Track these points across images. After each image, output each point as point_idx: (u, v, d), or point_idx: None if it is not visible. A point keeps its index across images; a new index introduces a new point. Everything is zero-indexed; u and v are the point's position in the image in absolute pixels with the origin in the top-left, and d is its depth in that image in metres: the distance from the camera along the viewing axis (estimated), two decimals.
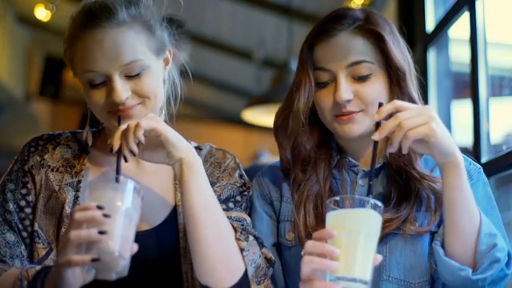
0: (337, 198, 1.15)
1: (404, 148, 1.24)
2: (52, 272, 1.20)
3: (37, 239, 1.37)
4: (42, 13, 5.21)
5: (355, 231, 1.11)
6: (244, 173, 1.53)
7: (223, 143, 1.77)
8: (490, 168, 2.15)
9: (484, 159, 2.29)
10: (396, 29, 1.46)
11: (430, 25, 3.07)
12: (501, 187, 2.28)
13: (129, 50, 1.33)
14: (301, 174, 1.46)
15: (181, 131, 1.36)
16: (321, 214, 1.36)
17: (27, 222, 1.39)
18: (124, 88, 1.34)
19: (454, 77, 3.05)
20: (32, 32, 7.38)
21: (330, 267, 1.11)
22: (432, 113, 1.25)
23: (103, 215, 1.13)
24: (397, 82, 1.41)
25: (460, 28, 2.66)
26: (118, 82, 1.33)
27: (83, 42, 1.34)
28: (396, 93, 1.41)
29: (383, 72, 1.41)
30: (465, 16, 2.48)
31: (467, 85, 2.46)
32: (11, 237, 1.37)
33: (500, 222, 1.40)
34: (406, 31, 1.56)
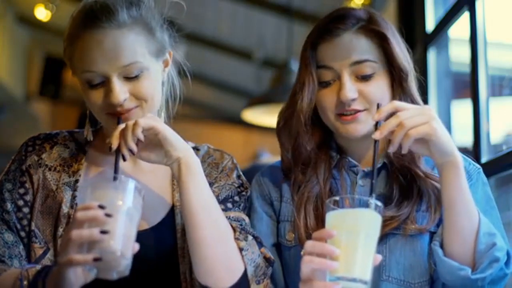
0: (337, 198, 1.15)
1: (404, 148, 1.24)
2: (53, 272, 1.20)
3: (34, 239, 1.37)
4: (42, 13, 5.20)
5: (355, 231, 1.11)
6: (242, 174, 1.53)
7: (223, 143, 1.77)
8: (490, 168, 2.15)
9: (484, 159, 2.29)
10: (397, 29, 1.46)
11: (430, 25, 3.07)
12: (501, 187, 2.28)
13: (129, 52, 1.33)
14: (301, 175, 1.45)
15: (181, 131, 1.36)
16: (322, 216, 1.36)
17: (25, 222, 1.39)
18: (122, 90, 1.33)
19: (454, 77, 3.05)
20: (32, 32, 7.37)
21: (330, 267, 1.11)
22: (432, 113, 1.26)
23: (105, 215, 1.13)
24: (400, 82, 1.41)
25: (460, 28, 2.66)
26: (117, 84, 1.33)
27: (83, 42, 1.34)
28: (399, 93, 1.41)
29: (386, 72, 1.41)
30: (465, 16, 2.48)
31: (467, 85, 2.46)
32: (10, 237, 1.37)
33: (500, 222, 1.40)
34: (406, 31, 1.56)
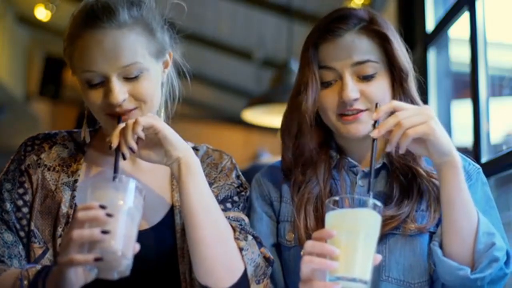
0: (337, 198, 1.15)
1: (402, 147, 1.25)
2: (54, 272, 1.20)
3: (33, 239, 1.37)
4: (42, 13, 5.20)
5: (355, 231, 1.11)
6: (241, 174, 1.53)
7: (223, 143, 1.77)
8: (490, 168, 2.14)
9: (484, 159, 2.28)
10: (396, 30, 1.47)
11: (430, 25, 3.07)
12: (501, 187, 2.28)
13: (129, 52, 1.33)
14: (301, 176, 1.45)
15: (181, 131, 1.35)
16: (322, 217, 1.36)
17: (24, 222, 1.39)
18: (122, 90, 1.33)
19: (454, 77, 3.05)
20: (32, 32, 7.37)
21: (330, 267, 1.11)
22: (430, 112, 1.26)
23: (106, 215, 1.13)
24: (400, 82, 1.42)
25: (460, 28, 2.66)
26: (116, 84, 1.33)
27: (83, 41, 1.34)
28: (399, 93, 1.42)
29: (387, 72, 1.41)
30: (465, 16, 2.48)
31: (467, 85, 2.45)
32: (9, 237, 1.37)
33: (499, 222, 1.40)
34: (406, 31, 1.56)
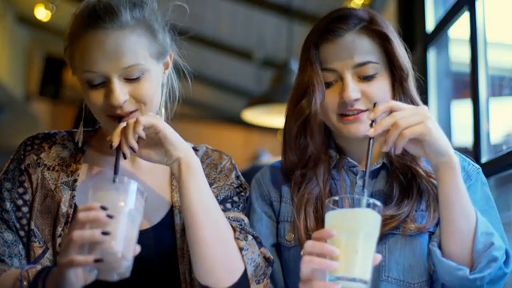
0: (336, 198, 1.15)
1: (398, 148, 1.25)
2: (54, 272, 1.20)
3: (33, 238, 1.37)
4: (42, 13, 5.21)
5: (355, 231, 1.11)
6: (240, 174, 1.53)
7: (223, 143, 1.77)
8: (490, 168, 2.14)
9: (484, 159, 2.28)
10: (395, 30, 1.47)
11: (430, 25, 3.07)
12: (501, 187, 2.28)
13: (130, 54, 1.33)
14: (301, 176, 1.45)
15: (181, 131, 1.35)
16: (321, 217, 1.35)
17: (24, 221, 1.39)
18: (123, 91, 1.33)
19: (454, 77, 3.04)
20: (32, 32, 7.38)
21: (330, 267, 1.11)
22: (427, 113, 1.26)
23: (107, 216, 1.12)
24: (400, 82, 1.42)
25: (460, 28, 2.66)
26: (117, 85, 1.32)
27: (84, 42, 1.34)
28: (399, 93, 1.42)
29: (387, 72, 1.42)
30: (465, 16, 2.48)
31: (467, 85, 2.45)
32: (9, 236, 1.38)
33: (499, 222, 1.40)
34: (406, 31, 1.56)
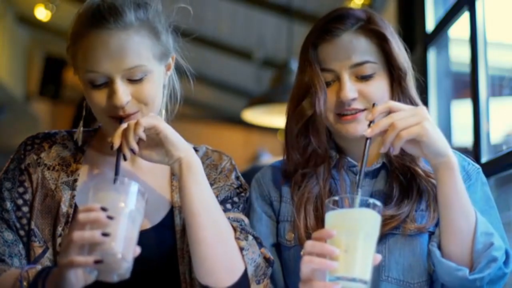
0: (336, 198, 1.15)
1: (396, 149, 1.25)
2: (54, 273, 1.20)
3: (34, 238, 1.37)
4: (42, 13, 5.21)
5: (355, 231, 1.11)
6: (240, 175, 1.53)
7: (223, 143, 1.77)
8: (490, 168, 2.14)
9: (484, 159, 2.28)
10: (394, 30, 1.46)
11: (430, 25, 3.07)
12: (501, 187, 2.28)
13: (134, 55, 1.33)
14: (302, 176, 1.45)
15: (181, 131, 1.36)
16: (321, 216, 1.36)
17: (25, 221, 1.39)
18: (125, 92, 1.33)
19: (454, 77, 3.04)
20: (32, 32, 7.38)
21: (330, 267, 1.11)
22: (425, 114, 1.25)
23: (107, 217, 1.12)
24: (399, 82, 1.42)
25: (460, 28, 2.66)
26: (120, 86, 1.33)
27: (88, 41, 1.33)
28: (397, 93, 1.42)
29: (385, 72, 1.42)
30: (465, 16, 2.48)
31: (467, 85, 2.45)
32: (9, 236, 1.38)
33: (499, 222, 1.40)
34: (406, 31, 1.56)
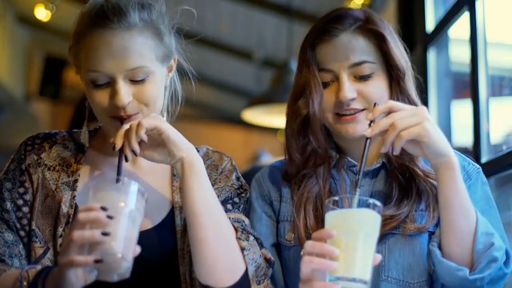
0: (336, 198, 1.15)
1: (396, 149, 1.25)
2: (54, 272, 1.20)
3: (34, 238, 1.37)
4: (42, 13, 5.21)
5: (354, 231, 1.11)
6: (241, 175, 1.53)
7: (223, 143, 1.77)
8: (490, 168, 2.14)
9: (484, 159, 2.28)
10: (394, 30, 1.46)
11: (430, 25, 3.07)
12: (501, 187, 2.28)
13: (137, 56, 1.33)
14: (301, 176, 1.45)
15: (181, 131, 1.36)
16: (321, 216, 1.36)
17: (25, 221, 1.39)
18: (127, 93, 1.33)
19: (454, 77, 3.05)
20: (32, 32, 7.38)
21: (330, 267, 1.11)
22: (426, 114, 1.25)
23: (107, 217, 1.12)
24: (397, 82, 1.42)
25: (460, 28, 2.66)
26: (122, 86, 1.33)
27: (91, 41, 1.34)
28: (396, 92, 1.42)
29: (384, 72, 1.42)
30: (465, 16, 2.48)
31: (467, 85, 2.45)
32: (9, 236, 1.37)
33: (499, 222, 1.40)
34: (406, 31, 1.56)
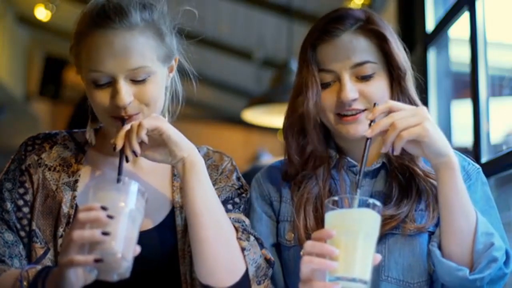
0: (336, 198, 1.15)
1: (397, 149, 1.25)
2: (54, 272, 1.20)
3: (35, 239, 1.37)
4: (42, 13, 5.21)
5: (354, 231, 1.11)
6: (241, 176, 1.53)
7: (223, 143, 1.77)
8: (490, 168, 2.14)
9: (484, 159, 2.28)
10: (394, 30, 1.46)
11: (430, 25, 3.07)
12: (501, 187, 2.28)
13: (138, 56, 1.33)
14: (301, 176, 1.45)
15: (181, 131, 1.36)
16: (321, 216, 1.35)
17: (25, 222, 1.39)
18: (128, 93, 1.33)
19: (454, 77, 3.05)
20: (32, 32, 7.38)
21: (330, 267, 1.11)
22: (426, 114, 1.25)
23: (107, 216, 1.13)
24: (398, 82, 1.42)
25: (460, 28, 2.66)
26: (123, 86, 1.33)
27: (92, 41, 1.33)
28: (397, 92, 1.42)
29: (385, 72, 1.42)
30: (465, 16, 2.48)
31: (467, 85, 2.45)
32: (10, 237, 1.37)
33: (499, 222, 1.40)
34: (406, 31, 1.56)
